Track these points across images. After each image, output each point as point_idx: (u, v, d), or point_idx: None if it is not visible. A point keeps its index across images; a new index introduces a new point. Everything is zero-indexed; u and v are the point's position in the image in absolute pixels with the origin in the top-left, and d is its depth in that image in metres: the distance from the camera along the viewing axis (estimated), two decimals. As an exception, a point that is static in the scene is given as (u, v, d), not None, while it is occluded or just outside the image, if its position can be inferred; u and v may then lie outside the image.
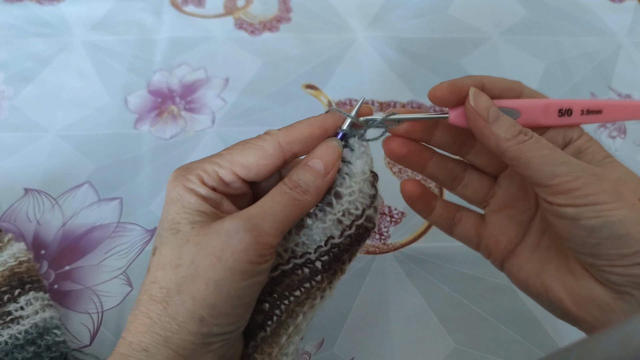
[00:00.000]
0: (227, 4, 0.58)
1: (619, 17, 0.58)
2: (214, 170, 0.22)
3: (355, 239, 0.24)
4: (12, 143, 0.46)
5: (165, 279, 0.21)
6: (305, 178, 0.23)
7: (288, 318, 0.24)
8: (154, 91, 0.50)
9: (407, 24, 0.56)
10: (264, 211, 0.22)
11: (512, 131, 0.23)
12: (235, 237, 0.21)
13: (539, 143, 0.23)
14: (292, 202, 0.22)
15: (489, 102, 0.24)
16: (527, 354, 0.36)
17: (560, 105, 0.25)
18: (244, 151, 0.23)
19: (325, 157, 0.23)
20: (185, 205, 0.22)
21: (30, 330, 0.33)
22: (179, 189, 0.22)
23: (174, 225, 0.22)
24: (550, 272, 0.25)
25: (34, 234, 0.40)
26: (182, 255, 0.21)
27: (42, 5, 0.57)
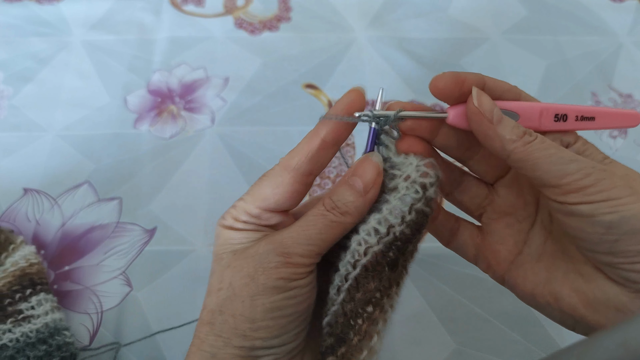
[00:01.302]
0: (226, 4, 0.58)
1: (620, 17, 0.58)
2: (241, 206, 0.24)
3: (418, 223, 0.23)
4: (12, 143, 0.46)
5: (210, 303, 0.23)
6: (343, 198, 0.23)
7: (361, 341, 0.22)
8: (154, 91, 0.50)
9: (408, 24, 0.56)
10: (297, 235, 0.22)
11: (517, 132, 0.23)
12: (265, 258, 0.22)
13: (544, 143, 0.23)
14: (329, 224, 0.22)
15: (492, 103, 0.24)
16: (527, 354, 0.36)
17: (556, 110, 0.25)
18: (260, 184, 0.24)
19: (365, 175, 0.23)
20: (225, 239, 0.24)
21: (42, 329, 0.34)
22: (219, 229, 0.24)
23: (218, 257, 0.24)
24: (558, 279, 0.25)
25: (33, 234, 0.40)
26: (223, 279, 0.23)
27: (42, 4, 0.57)
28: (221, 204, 0.43)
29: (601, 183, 0.22)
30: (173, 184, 0.44)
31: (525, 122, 0.25)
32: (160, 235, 0.41)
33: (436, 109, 0.49)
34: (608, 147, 0.47)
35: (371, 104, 0.50)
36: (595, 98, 0.51)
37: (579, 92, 0.51)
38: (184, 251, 0.40)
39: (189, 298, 0.38)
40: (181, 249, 0.40)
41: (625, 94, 0.51)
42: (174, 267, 0.39)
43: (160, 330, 0.36)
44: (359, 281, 0.22)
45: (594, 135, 0.48)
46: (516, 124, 0.23)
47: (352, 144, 0.47)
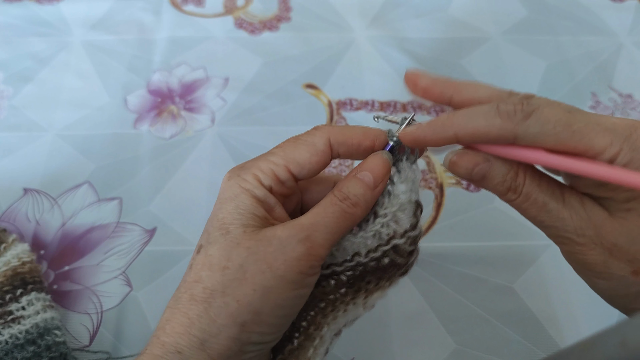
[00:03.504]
0: (226, 4, 0.58)
1: (620, 17, 0.58)
2: (269, 169, 0.22)
3: (380, 265, 0.23)
4: (11, 143, 0.46)
5: (210, 280, 0.21)
6: (354, 190, 0.22)
7: (314, 330, 0.23)
8: (154, 91, 0.50)
9: (408, 24, 0.56)
10: (316, 222, 0.21)
11: (500, 189, 0.22)
12: (288, 246, 0.20)
13: (526, 203, 0.21)
14: (343, 214, 0.22)
15: (471, 164, 0.21)
16: (527, 354, 0.36)
17: (559, 167, 0.20)
18: (296, 148, 0.23)
19: (375, 170, 0.23)
20: (239, 206, 0.21)
21: (31, 330, 0.33)
22: (235, 188, 0.22)
23: (225, 226, 0.21)
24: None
25: (33, 234, 0.40)
26: (231, 257, 0.21)
27: (42, 4, 0.57)
28: (221, 204, 0.43)
29: (574, 254, 0.21)
30: (173, 184, 0.44)
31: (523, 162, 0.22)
32: (160, 236, 0.41)
33: (437, 110, 0.49)
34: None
35: (371, 104, 0.50)
36: (595, 98, 0.51)
37: (579, 93, 0.51)
38: (184, 251, 0.40)
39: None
40: (181, 249, 0.40)
41: (626, 94, 0.51)
42: (174, 267, 0.39)
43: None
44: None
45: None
46: (501, 181, 0.21)
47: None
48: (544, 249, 0.40)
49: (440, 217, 0.42)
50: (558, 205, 0.21)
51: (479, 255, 0.40)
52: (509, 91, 0.23)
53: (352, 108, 0.49)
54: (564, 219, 0.21)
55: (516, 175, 0.21)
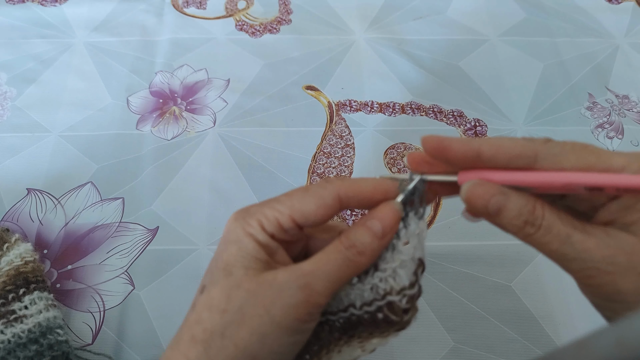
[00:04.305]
0: (228, 6, 0.58)
1: (617, 19, 0.58)
2: (274, 216, 0.22)
3: (374, 319, 0.22)
4: (15, 143, 0.46)
5: (210, 321, 0.21)
6: (362, 239, 0.22)
7: None
8: (156, 92, 0.51)
9: (407, 26, 0.57)
10: (318, 269, 0.21)
11: (517, 222, 0.21)
12: (287, 292, 0.20)
13: (547, 236, 0.20)
14: (347, 262, 0.21)
15: (488, 194, 0.21)
16: (525, 352, 0.36)
17: (586, 183, 0.20)
18: (304, 199, 0.22)
19: (385, 219, 0.22)
20: (242, 248, 0.21)
21: (33, 329, 0.33)
22: (239, 232, 0.22)
23: (228, 267, 0.21)
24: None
25: (36, 234, 0.41)
26: (231, 299, 0.21)
27: (45, 6, 0.57)
28: (222, 204, 0.43)
29: (604, 287, 0.20)
30: (175, 184, 0.44)
31: (544, 191, 0.21)
32: (162, 235, 0.41)
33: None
34: (604, 147, 0.48)
35: (370, 105, 0.50)
36: (591, 99, 0.51)
37: (575, 94, 0.51)
38: (186, 250, 0.40)
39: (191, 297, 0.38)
40: (183, 248, 0.41)
41: (622, 95, 0.51)
42: (176, 266, 0.40)
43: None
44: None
45: (590, 136, 0.48)
46: (517, 213, 0.21)
47: (351, 144, 0.47)
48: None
49: (439, 217, 0.42)
50: (582, 235, 0.20)
51: (476, 254, 0.40)
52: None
53: (351, 109, 0.50)
54: (590, 250, 0.20)
55: (534, 208, 0.21)
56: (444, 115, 0.49)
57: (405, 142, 0.47)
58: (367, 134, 0.48)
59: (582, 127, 0.49)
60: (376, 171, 0.45)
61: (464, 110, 0.50)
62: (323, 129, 0.48)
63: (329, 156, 0.46)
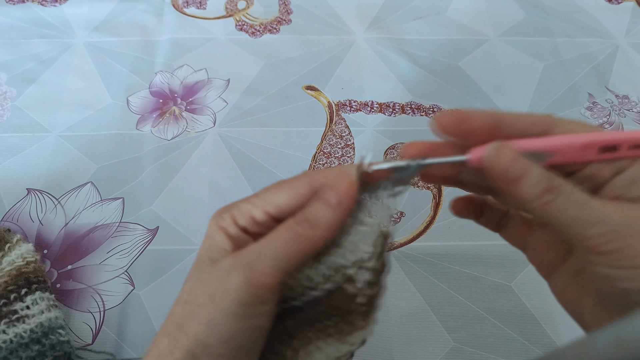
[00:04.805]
0: (228, 6, 0.58)
1: (617, 19, 0.58)
2: (247, 209, 0.22)
3: (330, 298, 0.21)
4: (15, 143, 0.46)
5: (176, 313, 0.21)
6: (314, 210, 0.21)
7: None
8: (156, 92, 0.51)
9: (407, 26, 0.57)
10: (263, 248, 0.20)
11: (536, 191, 0.20)
12: (228, 277, 0.20)
13: (567, 202, 0.20)
14: (297, 238, 0.20)
15: (511, 157, 0.20)
16: (525, 352, 0.36)
17: (602, 143, 0.21)
18: (277, 191, 0.22)
19: (336, 186, 0.21)
20: (212, 242, 0.21)
21: (36, 329, 0.33)
22: (213, 227, 0.22)
23: (198, 261, 0.22)
24: (587, 309, 0.23)
25: (36, 234, 0.41)
26: (192, 291, 0.21)
27: (45, 6, 0.57)
28: (222, 204, 0.43)
29: (626, 250, 0.20)
30: (175, 184, 0.44)
31: (563, 157, 0.21)
32: (162, 235, 0.41)
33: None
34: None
35: (370, 105, 0.50)
36: (591, 99, 0.51)
37: (575, 94, 0.51)
38: (186, 250, 0.40)
39: (191, 297, 0.38)
40: (183, 248, 0.41)
41: (622, 95, 0.51)
42: (176, 266, 0.40)
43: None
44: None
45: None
46: (537, 180, 0.20)
47: (351, 144, 0.47)
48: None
49: (439, 217, 0.42)
50: (600, 202, 0.20)
51: (476, 254, 0.40)
52: None
53: (351, 109, 0.50)
54: (609, 214, 0.20)
55: (552, 177, 0.21)
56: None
57: (406, 142, 0.47)
58: (367, 134, 0.48)
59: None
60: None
61: (464, 110, 0.49)
62: (323, 129, 0.48)
63: (329, 156, 0.46)
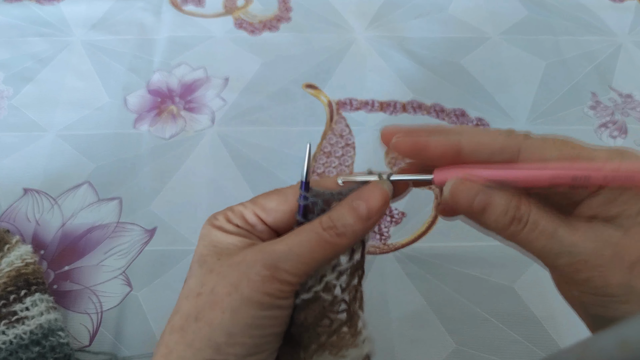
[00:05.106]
0: (226, 4, 0.58)
1: (620, 17, 0.58)
2: (239, 210, 0.23)
3: (310, 306, 0.22)
4: (12, 143, 0.46)
5: (186, 307, 0.21)
6: (344, 220, 0.21)
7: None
8: (154, 91, 0.50)
9: (407, 24, 0.56)
10: (289, 250, 0.21)
11: (503, 221, 0.20)
12: (253, 269, 0.20)
13: (533, 233, 0.20)
14: (323, 243, 0.21)
15: (473, 192, 0.20)
16: (527, 354, 0.36)
17: (572, 177, 0.20)
18: (267, 196, 0.23)
19: (371, 201, 0.21)
20: (212, 240, 0.22)
21: (35, 330, 0.33)
22: (208, 227, 0.23)
23: (201, 258, 0.22)
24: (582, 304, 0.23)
25: (33, 234, 0.40)
26: (204, 284, 0.21)
27: (42, 5, 0.57)
28: (221, 204, 0.42)
29: (594, 280, 0.20)
30: (173, 184, 0.44)
31: (529, 186, 0.20)
32: (160, 235, 0.41)
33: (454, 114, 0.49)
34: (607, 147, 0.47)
35: (371, 104, 0.50)
36: (594, 98, 0.51)
37: (578, 92, 0.51)
38: (184, 251, 0.40)
39: (189, 298, 0.38)
40: (181, 249, 0.40)
41: (625, 94, 0.51)
42: (174, 267, 0.39)
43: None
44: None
45: (594, 135, 0.48)
46: (502, 211, 0.20)
47: (352, 143, 0.47)
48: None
49: (440, 218, 0.42)
50: (568, 229, 0.20)
51: (478, 255, 0.40)
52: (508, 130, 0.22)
53: (352, 108, 0.49)
54: (576, 243, 0.20)
55: (520, 204, 0.20)
56: (445, 114, 0.49)
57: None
58: (368, 133, 0.47)
59: (585, 127, 0.49)
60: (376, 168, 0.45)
61: (465, 109, 0.49)
62: (323, 128, 0.48)
63: (329, 155, 0.46)
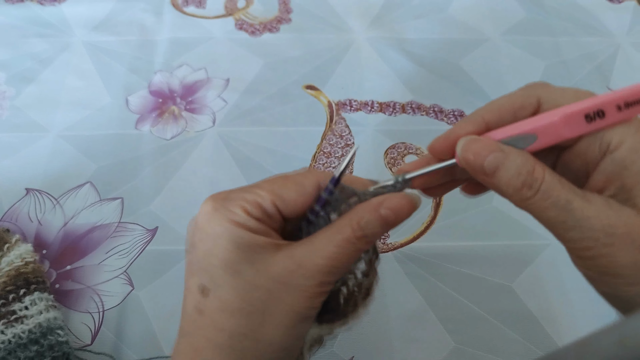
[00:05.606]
0: (227, 5, 0.58)
1: (618, 18, 0.58)
2: (255, 201, 0.21)
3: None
4: (13, 143, 0.46)
5: (231, 325, 0.20)
6: (373, 228, 0.21)
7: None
8: (155, 91, 0.50)
9: (407, 25, 0.57)
10: (334, 265, 0.20)
11: (514, 184, 0.20)
12: (304, 286, 0.20)
13: (546, 202, 0.19)
14: (355, 252, 0.21)
15: (483, 153, 0.20)
16: (526, 353, 0.36)
17: (585, 111, 0.19)
18: (285, 185, 0.21)
19: (400, 213, 0.21)
20: (237, 241, 0.20)
21: (34, 329, 0.33)
22: (225, 223, 0.20)
23: (230, 265, 0.20)
24: None
25: (35, 234, 0.41)
26: (248, 300, 0.20)
27: (43, 5, 0.57)
28: (222, 204, 0.43)
29: (601, 259, 0.19)
30: (174, 184, 0.44)
31: (548, 138, 0.20)
32: (161, 235, 0.41)
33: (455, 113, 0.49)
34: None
35: (371, 105, 0.50)
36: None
37: (577, 93, 0.51)
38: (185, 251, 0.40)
39: (190, 297, 0.38)
40: (182, 248, 0.40)
41: (624, 95, 0.51)
42: (175, 266, 0.40)
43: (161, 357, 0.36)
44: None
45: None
46: (515, 173, 0.20)
47: (352, 144, 0.47)
48: (543, 248, 0.40)
49: (439, 217, 0.42)
50: (583, 202, 0.19)
51: (477, 254, 0.40)
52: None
53: (352, 109, 0.49)
54: (589, 218, 0.19)
55: (534, 169, 0.19)
56: (444, 114, 0.49)
57: (406, 142, 0.47)
58: (368, 134, 0.47)
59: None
60: (376, 171, 0.45)
61: (464, 110, 0.49)
62: (323, 129, 0.48)
63: (329, 156, 0.46)
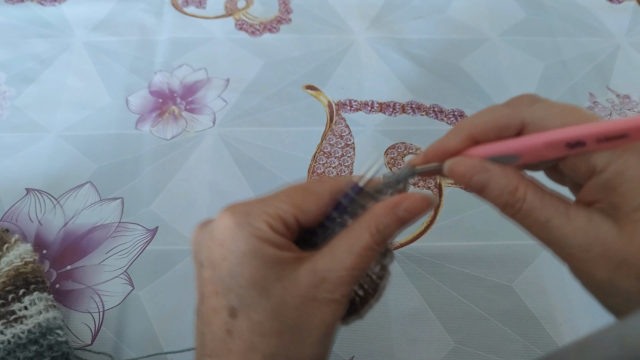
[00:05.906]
0: (227, 5, 0.58)
1: (618, 18, 0.58)
2: (278, 215, 0.21)
3: None
4: (14, 143, 0.46)
5: (269, 346, 0.20)
6: (391, 232, 0.21)
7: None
8: (155, 92, 0.50)
9: (407, 25, 0.57)
10: (355, 275, 0.21)
11: (500, 201, 0.21)
12: (334, 301, 0.21)
13: (526, 219, 0.21)
14: (373, 256, 0.21)
15: (470, 172, 0.21)
16: (526, 353, 0.36)
17: (566, 140, 0.20)
18: (305, 197, 0.21)
19: (416, 213, 0.21)
20: (264, 259, 0.20)
21: (33, 329, 0.33)
22: (251, 240, 0.20)
23: (260, 284, 0.20)
24: None
25: (35, 234, 0.41)
26: (284, 321, 0.20)
27: (44, 6, 0.57)
28: (222, 204, 0.43)
29: (582, 274, 0.20)
30: (174, 184, 0.44)
31: (531, 158, 0.21)
32: (161, 235, 0.41)
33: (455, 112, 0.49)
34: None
35: (370, 105, 0.50)
36: (592, 99, 0.51)
37: (576, 93, 0.51)
38: (186, 251, 0.40)
39: (190, 297, 0.38)
40: (182, 248, 0.40)
41: (623, 95, 0.51)
42: (176, 266, 0.40)
43: (162, 353, 0.36)
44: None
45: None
46: (499, 192, 0.21)
47: (352, 144, 0.47)
48: (543, 248, 0.40)
49: (439, 217, 0.42)
50: (562, 221, 0.20)
51: (477, 254, 0.40)
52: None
53: (351, 109, 0.49)
54: (567, 237, 0.20)
55: (515, 190, 0.20)
56: (444, 114, 0.49)
57: (406, 142, 0.47)
58: (368, 134, 0.48)
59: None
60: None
61: (464, 110, 0.49)
62: (323, 129, 0.48)
63: (329, 156, 0.46)
